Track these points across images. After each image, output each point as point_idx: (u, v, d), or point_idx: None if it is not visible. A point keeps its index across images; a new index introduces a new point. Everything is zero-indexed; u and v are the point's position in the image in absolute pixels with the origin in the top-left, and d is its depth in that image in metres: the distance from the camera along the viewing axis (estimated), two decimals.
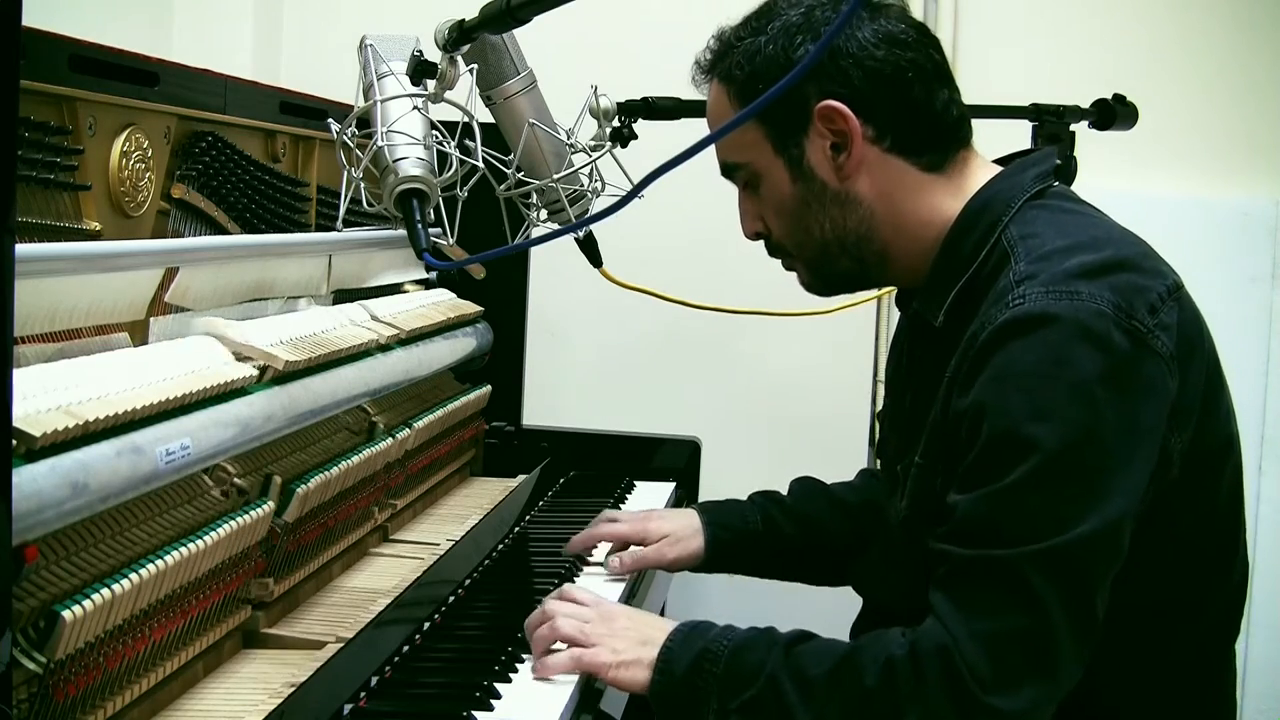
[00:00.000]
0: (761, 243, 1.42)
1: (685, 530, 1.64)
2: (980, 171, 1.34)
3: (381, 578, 1.58)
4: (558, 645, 1.31)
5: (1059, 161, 1.85)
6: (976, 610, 1.15)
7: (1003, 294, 1.20)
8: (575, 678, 1.29)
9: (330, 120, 1.45)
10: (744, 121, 1.28)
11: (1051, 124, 1.88)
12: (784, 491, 1.72)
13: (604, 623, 1.31)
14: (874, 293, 2.49)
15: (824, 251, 1.35)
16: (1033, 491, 1.14)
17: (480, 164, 1.41)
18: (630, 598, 1.62)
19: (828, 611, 1.65)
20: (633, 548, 1.66)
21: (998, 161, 1.37)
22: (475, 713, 1.21)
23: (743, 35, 1.32)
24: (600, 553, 1.70)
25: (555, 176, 1.56)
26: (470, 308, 2.13)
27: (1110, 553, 1.17)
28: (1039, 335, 1.15)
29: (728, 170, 1.39)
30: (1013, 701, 1.13)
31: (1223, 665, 1.35)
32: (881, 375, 2.63)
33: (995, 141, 1.48)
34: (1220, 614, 1.32)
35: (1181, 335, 1.20)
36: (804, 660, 1.21)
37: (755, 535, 1.65)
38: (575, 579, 1.65)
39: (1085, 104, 1.91)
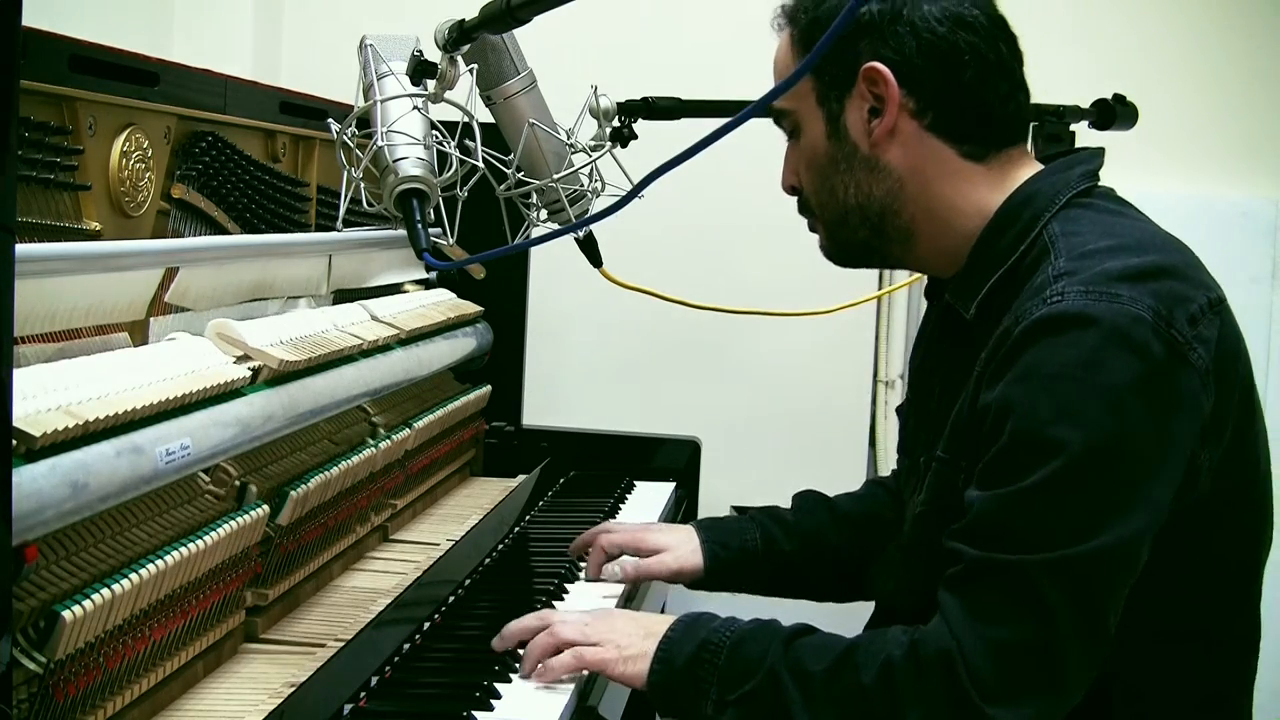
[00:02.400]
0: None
1: (684, 546, 1.61)
2: (1025, 169, 1.30)
3: (381, 578, 1.58)
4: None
5: None
6: (985, 616, 1.13)
7: (1040, 289, 1.17)
8: (574, 680, 1.29)
9: (330, 120, 1.45)
10: (761, 108, 1.24)
11: (1051, 124, 1.87)
12: (786, 505, 1.67)
13: (603, 621, 1.31)
14: (874, 292, 2.50)
15: (844, 217, 1.32)
16: (1052, 497, 1.12)
17: (480, 164, 1.41)
18: (628, 603, 1.62)
19: (832, 620, 1.64)
20: (632, 558, 1.64)
21: (1043, 159, 1.33)
22: (475, 713, 1.21)
23: None
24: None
25: (555, 176, 1.56)
26: (470, 308, 2.13)
27: (1126, 566, 1.14)
28: (1074, 335, 1.12)
29: (777, 116, 1.36)
30: (1014, 713, 1.11)
31: (1239, 693, 1.30)
32: (882, 375, 2.63)
33: None
34: (1239, 640, 1.28)
35: (1220, 351, 1.17)
36: (803, 654, 1.20)
37: (755, 554, 1.61)
38: (575, 580, 1.64)
39: (1085, 104, 1.91)
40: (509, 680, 1.29)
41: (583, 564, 1.69)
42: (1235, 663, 1.29)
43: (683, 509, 2.21)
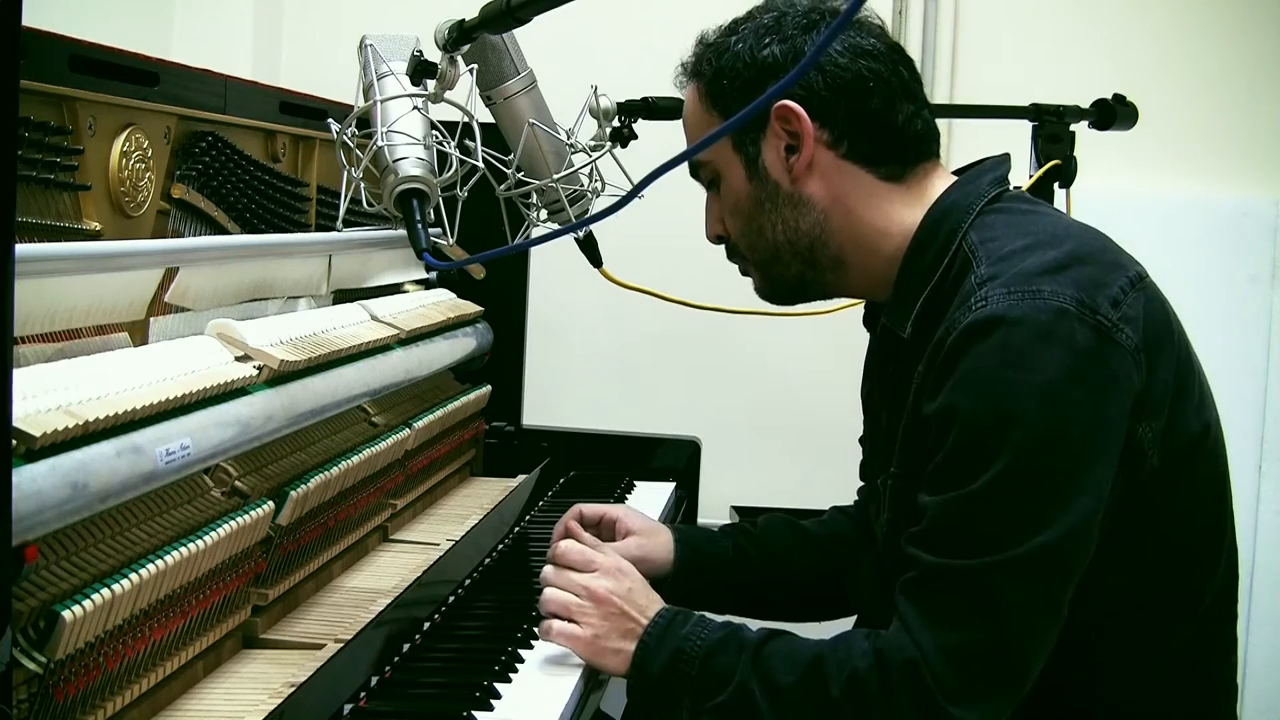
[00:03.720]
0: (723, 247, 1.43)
1: (656, 538, 1.59)
2: (940, 182, 1.35)
3: (381, 578, 1.58)
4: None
5: (1062, 162, 1.86)
6: (944, 621, 1.16)
7: (966, 297, 1.21)
8: (576, 678, 1.30)
9: (330, 120, 1.46)
10: (746, 119, 1.28)
11: (1051, 124, 1.88)
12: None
13: (593, 604, 1.32)
14: None
15: (775, 255, 1.37)
16: (1000, 497, 1.15)
17: (480, 164, 1.41)
18: None
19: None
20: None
21: (955, 173, 1.38)
22: (475, 713, 1.21)
23: (718, 37, 1.36)
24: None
25: (555, 176, 1.56)
26: (470, 308, 2.13)
27: (1079, 554, 1.18)
28: (1002, 337, 1.16)
29: (694, 170, 1.41)
30: (974, 712, 1.15)
31: (1224, 651, 1.35)
32: None
33: (996, 142, 1.48)
34: (1215, 600, 1.32)
35: (1148, 325, 1.21)
36: (772, 665, 1.23)
37: (724, 560, 1.60)
38: None
39: (1085, 104, 1.91)
40: (509, 680, 1.30)
41: None
42: (1213, 614, 1.32)
43: (683, 509, 2.21)
